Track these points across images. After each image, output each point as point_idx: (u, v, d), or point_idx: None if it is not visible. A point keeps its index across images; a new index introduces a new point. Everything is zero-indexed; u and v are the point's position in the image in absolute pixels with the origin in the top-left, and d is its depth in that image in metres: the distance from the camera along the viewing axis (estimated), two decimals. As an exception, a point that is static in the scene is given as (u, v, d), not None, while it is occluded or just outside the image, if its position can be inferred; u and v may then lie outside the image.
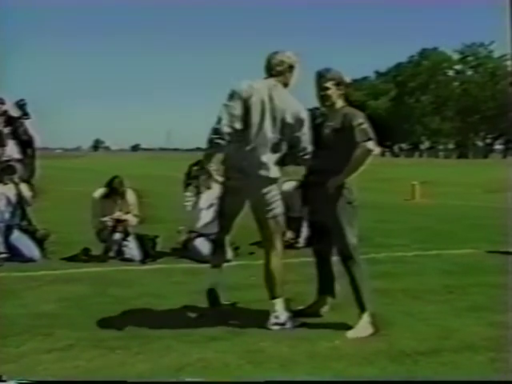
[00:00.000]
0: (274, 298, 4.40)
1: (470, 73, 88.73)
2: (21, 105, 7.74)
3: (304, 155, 4.35)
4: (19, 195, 7.22)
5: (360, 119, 4.31)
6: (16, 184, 7.22)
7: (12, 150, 7.52)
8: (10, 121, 7.60)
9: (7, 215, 7.16)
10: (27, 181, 7.65)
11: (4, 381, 3.30)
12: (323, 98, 4.43)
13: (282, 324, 4.34)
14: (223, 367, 3.56)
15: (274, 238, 4.48)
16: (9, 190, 7.19)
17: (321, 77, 4.41)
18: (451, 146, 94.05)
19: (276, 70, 4.37)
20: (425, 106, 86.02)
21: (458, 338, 4.14)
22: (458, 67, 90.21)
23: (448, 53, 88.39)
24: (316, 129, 4.50)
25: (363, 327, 4.28)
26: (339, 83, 4.40)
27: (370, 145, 4.27)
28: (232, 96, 4.24)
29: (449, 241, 9.02)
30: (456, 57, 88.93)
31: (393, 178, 26.72)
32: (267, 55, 4.43)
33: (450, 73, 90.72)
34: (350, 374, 3.48)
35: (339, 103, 4.45)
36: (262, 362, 3.63)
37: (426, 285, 5.82)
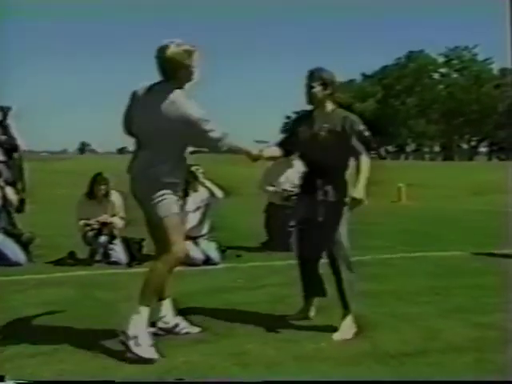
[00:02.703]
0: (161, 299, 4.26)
1: (455, 76, 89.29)
2: (3, 109, 7.72)
3: None
4: (4, 198, 7.17)
5: (361, 126, 4.39)
6: (1, 187, 7.18)
7: None
8: None
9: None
10: (13, 184, 7.62)
11: (4, 381, 3.28)
12: (308, 96, 4.44)
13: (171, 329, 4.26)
14: (209, 370, 3.56)
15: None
16: (-7, 194, 7.15)
17: (309, 75, 4.43)
18: (437, 148, 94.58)
19: None
20: (410, 109, 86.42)
21: (443, 339, 4.16)
22: (443, 70, 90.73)
23: (433, 56, 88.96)
24: (308, 130, 4.49)
25: (348, 327, 4.31)
26: (326, 83, 4.39)
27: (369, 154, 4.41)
28: None
29: (434, 243, 9.08)
30: (441, 60, 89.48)
31: (379, 180, 26.73)
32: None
33: (436, 76, 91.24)
34: (335, 376, 3.49)
35: (328, 104, 4.46)
36: (248, 364, 3.63)
37: (412, 286, 5.85)
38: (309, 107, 4.55)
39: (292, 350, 3.91)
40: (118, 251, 7.16)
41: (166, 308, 4.29)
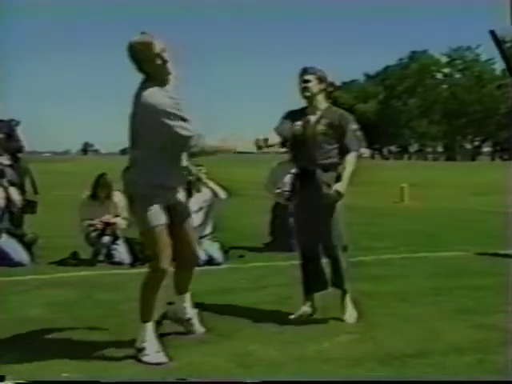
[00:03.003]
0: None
1: (457, 76, 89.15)
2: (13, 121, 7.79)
3: None
4: (8, 199, 7.18)
5: (355, 124, 4.55)
6: (5, 188, 7.19)
7: (2, 155, 7.54)
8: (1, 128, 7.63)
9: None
10: (20, 185, 7.66)
11: (4, 381, 3.29)
12: (303, 89, 4.56)
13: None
14: (212, 370, 3.57)
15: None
16: (-3, 194, 7.16)
17: (303, 71, 4.58)
18: (440, 148, 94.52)
19: None
20: (412, 110, 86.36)
21: (445, 340, 4.17)
22: (445, 70, 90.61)
23: (436, 56, 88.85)
24: (304, 124, 4.55)
25: (351, 306, 4.52)
26: (320, 78, 4.55)
27: (363, 151, 4.57)
28: None
29: (437, 243, 9.07)
30: (444, 60, 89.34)
31: (382, 180, 26.81)
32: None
33: (438, 76, 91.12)
34: (338, 377, 3.49)
35: (323, 101, 4.58)
36: (250, 365, 3.64)
37: (414, 287, 5.84)
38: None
39: (294, 351, 3.91)
40: (121, 251, 7.18)
41: (187, 300, 4.29)
